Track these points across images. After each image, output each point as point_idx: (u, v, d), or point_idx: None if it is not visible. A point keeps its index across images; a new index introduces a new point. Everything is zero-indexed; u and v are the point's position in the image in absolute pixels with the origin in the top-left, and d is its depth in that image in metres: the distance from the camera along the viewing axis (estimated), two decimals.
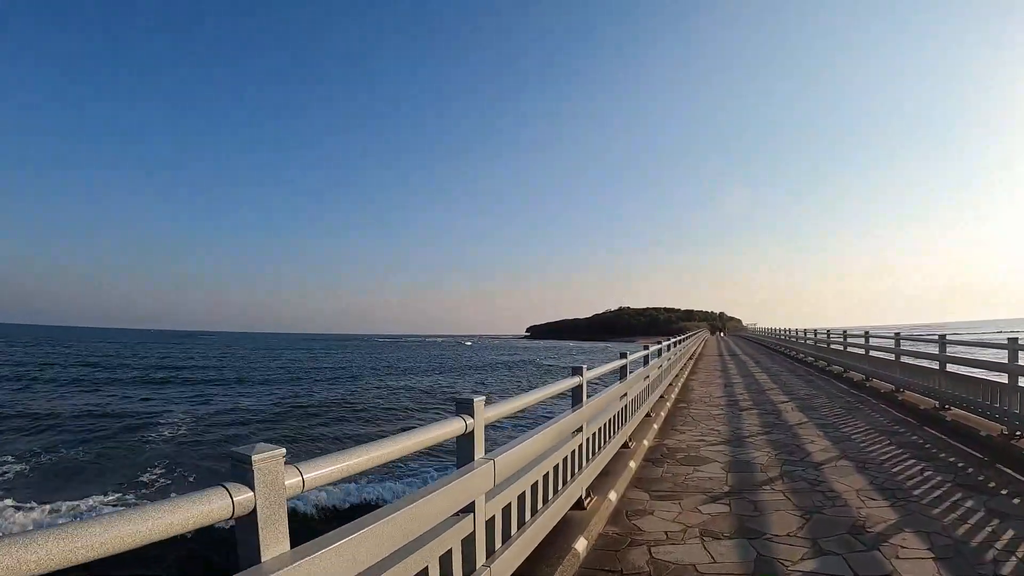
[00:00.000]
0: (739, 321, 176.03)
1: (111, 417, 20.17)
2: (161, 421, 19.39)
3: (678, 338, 14.87)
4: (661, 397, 10.52)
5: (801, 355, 21.06)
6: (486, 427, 2.82)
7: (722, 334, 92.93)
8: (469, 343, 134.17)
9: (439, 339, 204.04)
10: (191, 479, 13.05)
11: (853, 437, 7.51)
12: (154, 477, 13.08)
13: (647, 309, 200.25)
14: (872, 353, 12.44)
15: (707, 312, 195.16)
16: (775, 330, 34.62)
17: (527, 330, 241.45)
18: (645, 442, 7.09)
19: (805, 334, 20.94)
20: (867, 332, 12.74)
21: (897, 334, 10.78)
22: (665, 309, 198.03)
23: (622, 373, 6.70)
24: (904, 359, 10.64)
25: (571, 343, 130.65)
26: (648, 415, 8.68)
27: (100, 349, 73.63)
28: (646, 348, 8.78)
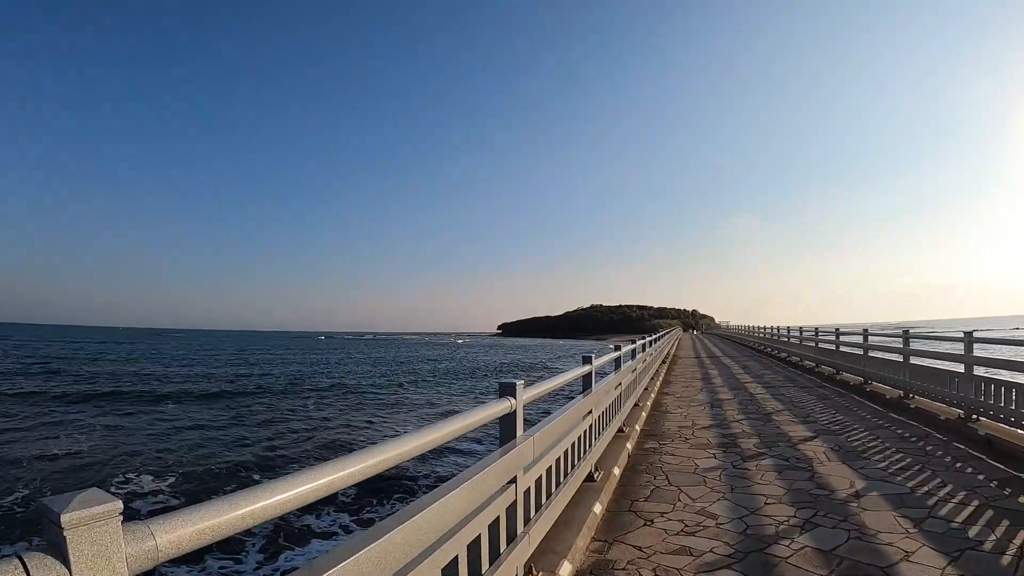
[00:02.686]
0: (712, 319, 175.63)
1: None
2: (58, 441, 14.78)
3: (648, 338, 11.25)
4: (619, 431, 6.82)
5: (795, 358, 17.67)
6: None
7: (696, 332, 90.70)
8: (461, 341, 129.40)
9: (427, 337, 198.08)
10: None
11: (970, 534, 3.88)
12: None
13: (619, 306, 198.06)
14: (914, 360, 8.95)
15: (680, 310, 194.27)
16: (755, 328, 31.46)
17: (499, 327, 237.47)
18: (565, 567, 3.33)
19: (801, 333, 17.51)
20: (906, 331, 9.25)
21: (968, 333, 7.25)
22: (638, 307, 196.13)
23: (504, 434, 2.95)
24: (978, 371, 7.13)
25: (561, 342, 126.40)
26: (591, 476, 4.95)
27: (50, 350, 65.00)
28: (588, 362, 5.05)
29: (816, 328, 15.26)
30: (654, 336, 13.30)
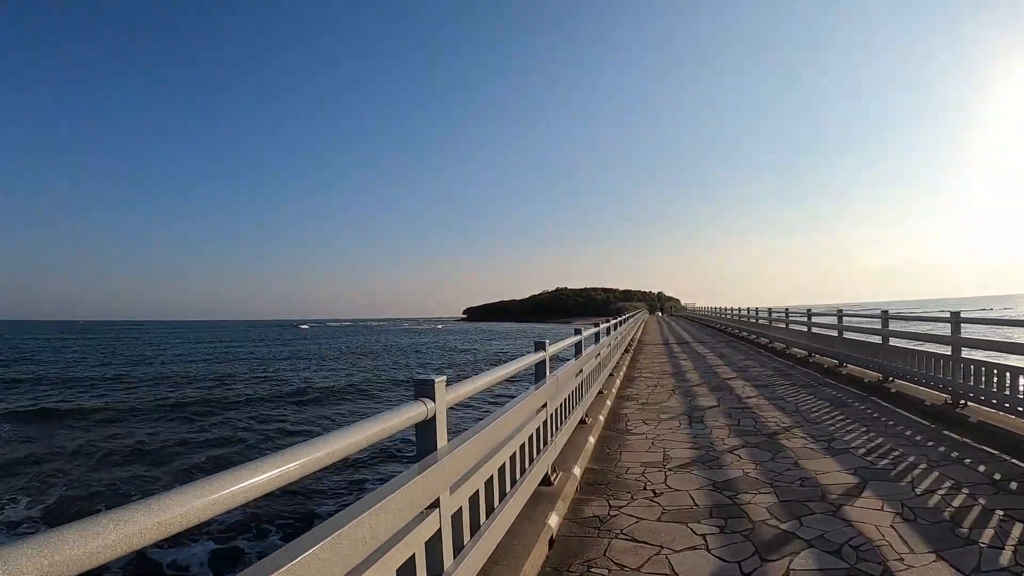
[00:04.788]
0: (678, 301, 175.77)
1: None
2: None
3: (604, 324, 8.58)
4: (544, 483, 4.03)
5: (779, 345, 15.31)
6: None
7: (662, 315, 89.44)
8: (440, 326, 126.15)
9: (403, 323, 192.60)
10: None
11: None
12: None
13: (584, 289, 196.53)
14: (967, 353, 6.44)
15: (645, 292, 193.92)
16: (726, 310, 29.33)
17: (464, 312, 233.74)
18: None
19: (787, 315, 15.12)
20: (956, 313, 6.77)
21: None
22: (603, 289, 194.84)
23: None
24: None
25: (540, 326, 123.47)
26: None
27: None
28: (424, 392, 2.24)
29: (808, 310, 12.83)
30: (614, 321, 10.65)
